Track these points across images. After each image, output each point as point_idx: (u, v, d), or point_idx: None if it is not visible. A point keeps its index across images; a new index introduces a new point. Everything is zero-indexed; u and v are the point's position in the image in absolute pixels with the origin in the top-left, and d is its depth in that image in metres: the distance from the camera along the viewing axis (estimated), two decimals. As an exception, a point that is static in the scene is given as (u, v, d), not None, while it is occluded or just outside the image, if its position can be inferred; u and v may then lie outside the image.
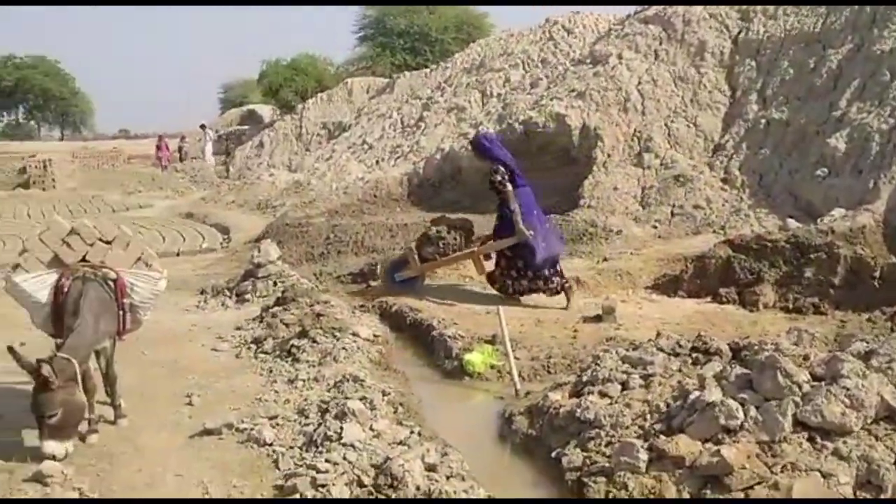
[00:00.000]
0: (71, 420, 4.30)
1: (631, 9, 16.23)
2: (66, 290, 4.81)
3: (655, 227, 10.76)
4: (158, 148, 31.90)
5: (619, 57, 13.87)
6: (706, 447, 3.61)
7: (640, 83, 13.24)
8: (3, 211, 19.23)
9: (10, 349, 4.23)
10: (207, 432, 4.78)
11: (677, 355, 4.84)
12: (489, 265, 8.37)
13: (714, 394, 3.84)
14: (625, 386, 4.55)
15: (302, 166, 21.91)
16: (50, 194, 23.14)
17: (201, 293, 9.03)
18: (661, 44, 13.91)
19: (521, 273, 8.01)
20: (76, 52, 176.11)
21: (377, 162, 18.44)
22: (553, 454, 4.23)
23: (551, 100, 13.78)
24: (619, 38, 14.71)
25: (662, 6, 14.63)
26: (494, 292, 8.16)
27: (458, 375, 6.02)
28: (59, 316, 4.83)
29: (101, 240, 5.04)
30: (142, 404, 5.41)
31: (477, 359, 6.02)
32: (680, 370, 4.60)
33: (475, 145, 8.70)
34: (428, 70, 25.01)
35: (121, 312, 5.02)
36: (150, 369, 6.24)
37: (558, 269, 8.06)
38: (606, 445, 4.01)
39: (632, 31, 14.57)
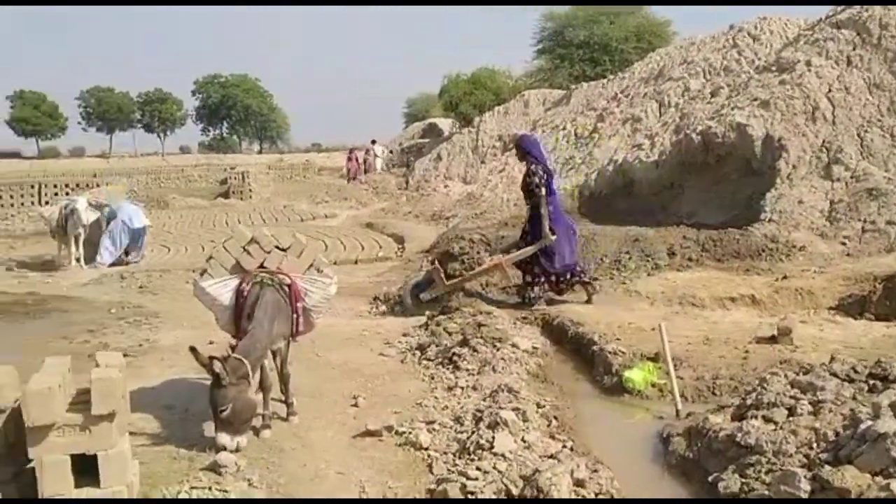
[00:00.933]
0: (241, 416, 4.64)
1: (822, 9, 15.21)
2: (245, 294, 5.21)
3: (844, 244, 10.02)
4: (349, 160, 33.52)
5: (808, 64, 13.04)
6: (875, 481, 3.35)
7: (830, 91, 12.39)
8: (205, 218, 20.97)
9: (192, 349, 4.63)
10: (369, 433, 5.00)
11: (852, 381, 4.51)
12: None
13: (888, 424, 3.55)
14: (791, 412, 4.29)
15: (476, 178, 22.28)
16: (247, 204, 24.92)
17: (374, 300, 9.42)
18: (854, 49, 12.95)
19: (536, 279, 8.31)
20: (275, 70, 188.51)
21: (549, 174, 18.40)
22: (710, 478, 4.07)
23: (732, 109, 13.17)
24: (808, 44, 13.83)
25: (857, 8, 13.61)
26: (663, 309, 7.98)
27: (618, 392, 5.91)
28: (240, 318, 5.23)
29: (277, 247, 5.40)
30: (312, 403, 5.74)
31: (637, 376, 5.89)
32: (854, 397, 4.28)
33: (520, 143, 8.74)
34: (605, 81, 24.67)
35: (294, 315, 5.35)
36: (322, 370, 6.62)
37: (577, 273, 8.33)
38: (767, 473, 3.80)
39: (822, 36, 13.66)
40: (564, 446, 4.52)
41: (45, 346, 7.36)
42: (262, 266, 5.34)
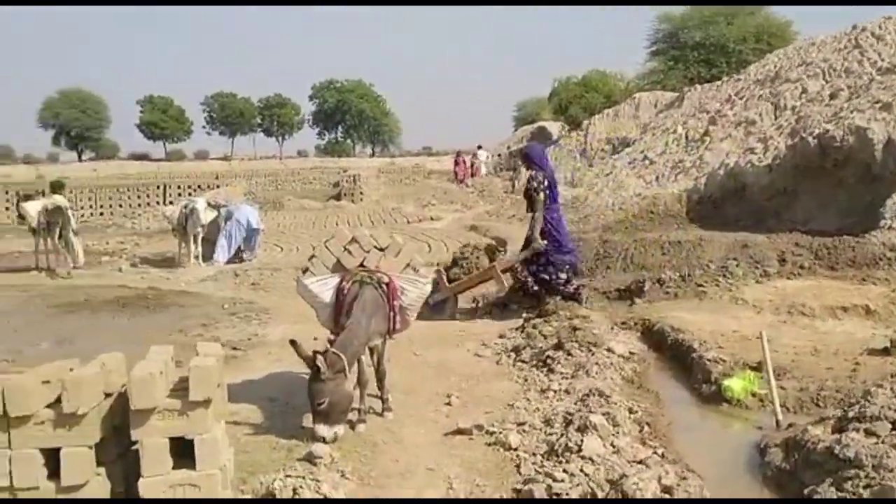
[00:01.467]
0: (338, 408, 4.82)
1: None
2: (345, 291, 5.40)
3: (968, 254, 9.41)
4: (456, 164, 33.85)
5: (938, 63, 12.33)
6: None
7: (960, 92, 11.68)
8: (317, 219, 21.64)
9: (293, 342, 4.84)
10: (460, 432, 5.08)
11: (965, 398, 4.26)
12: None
13: None
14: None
15: (582, 181, 22.08)
16: (358, 206, 25.53)
17: (472, 301, 9.50)
18: None
19: (549, 279, 8.50)
20: (389, 75, 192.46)
21: (657, 178, 18.06)
22: (805, 491, 3.93)
23: (852, 112, 12.59)
24: (938, 43, 13.07)
25: None
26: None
27: (716, 401, 5.76)
28: (339, 314, 5.43)
29: (376, 247, 5.58)
30: (407, 400, 5.87)
31: (737, 385, 5.72)
32: (966, 415, 4.05)
33: (527, 152, 9.03)
34: (719, 83, 23.96)
35: (391, 313, 5.51)
36: (418, 369, 6.75)
37: (572, 279, 8.60)
38: (865, 487, 3.65)
39: (954, 34, 12.88)
40: (655, 452, 4.45)
41: (163, 339, 7.80)
42: (361, 265, 5.52)
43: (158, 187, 25.59)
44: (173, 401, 2.81)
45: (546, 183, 8.39)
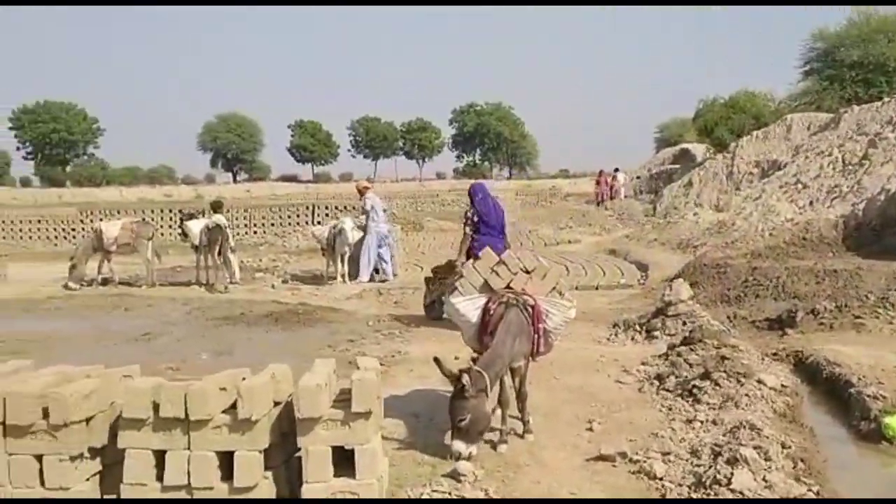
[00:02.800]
0: (477, 426, 4.91)
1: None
2: (491, 312, 5.50)
3: None
4: (598, 183, 33.51)
5: None
6: None
7: None
8: (455, 240, 21.90)
9: (436, 359, 4.98)
10: (602, 458, 5.04)
11: None
12: None
13: None
14: None
15: (729, 206, 21.32)
16: (494, 228, 25.65)
17: (613, 326, 9.39)
18: None
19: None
20: (527, 97, 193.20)
21: (811, 203, 17.19)
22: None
23: None
24: None
25: None
26: None
27: (875, 439, 5.44)
28: (484, 334, 5.53)
29: (523, 269, 5.64)
30: (547, 423, 5.88)
31: (899, 423, 5.39)
32: None
33: (469, 189, 10.23)
34: (878, 103, 22.57)
35: (535, 336, 5.55)
36: (558, 392, 6.74)
37: None
38: None
39: None
40: (810, 490, 4.26)
41: (314, 353, 8.17)
42: (508, 286, 5.61)
43: (307, 207, 26.73)
44: (336, 411, 2.97)
45: (474, 218, 9.70)
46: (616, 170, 34.66)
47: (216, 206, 14.81)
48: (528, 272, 5.68)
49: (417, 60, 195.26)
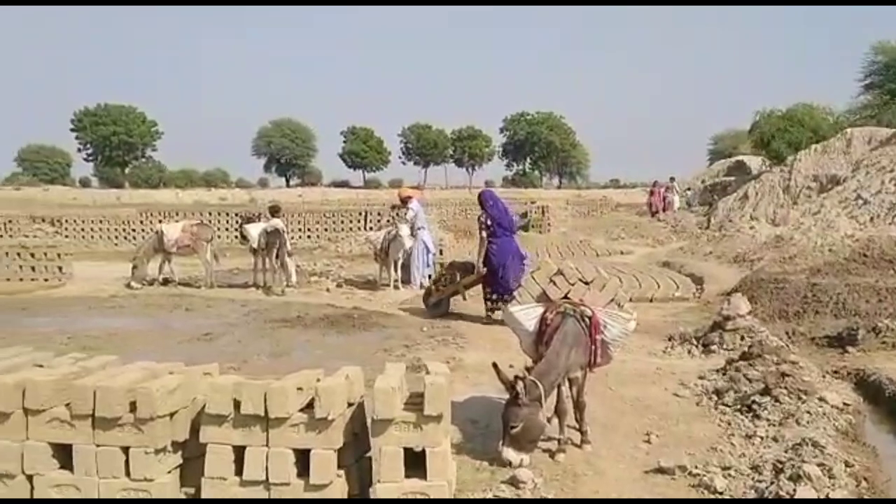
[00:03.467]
0: (529, 435, 4.96)
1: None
2: (548, 321, 5.55)
3: None
4: (652, 194, 33.18)
5: None
6: None
7: None
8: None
9: (495, 364, 5.05)
10: (661, 470, 5.05)
11: None
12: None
13: None
14: None
15: (786, 220, 20.97)
16: (545, 237, 25.65)
17: (669, 339, 9.34)
18: None
19: (490, 297, 10.90)
20: (578, 107, 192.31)
21: (871, 219, 16.83)
22: None
23: None
24: None
25: None
26: None
27: (942, 461, 5.34)
28: (540, 343, 5.57)
29: (581, 280, 5.68)
30: (604, 434, 5.90)
31: (968, 447, 5.28)
32: None
33: (479, 196, 11.51)
34: (943, 118, 22.00)
35: (592, 347, 5.58)
36: (614, 403, 6.75)
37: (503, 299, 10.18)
38: None
39: None
40: (874, 510, 4.22)
41: (369, 357, 8.29)
42: (566, 297, 5.65)
43: (360, 213, 27.01)
44: (409, 414, 3.06)
45: (489, 223, 10.75)
46: (671, 179, 34.24)
47: (274, 211, 15.07)
48: (586, 283, 5.72)
49: (470, 68, 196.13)
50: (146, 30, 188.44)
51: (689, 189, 35.93)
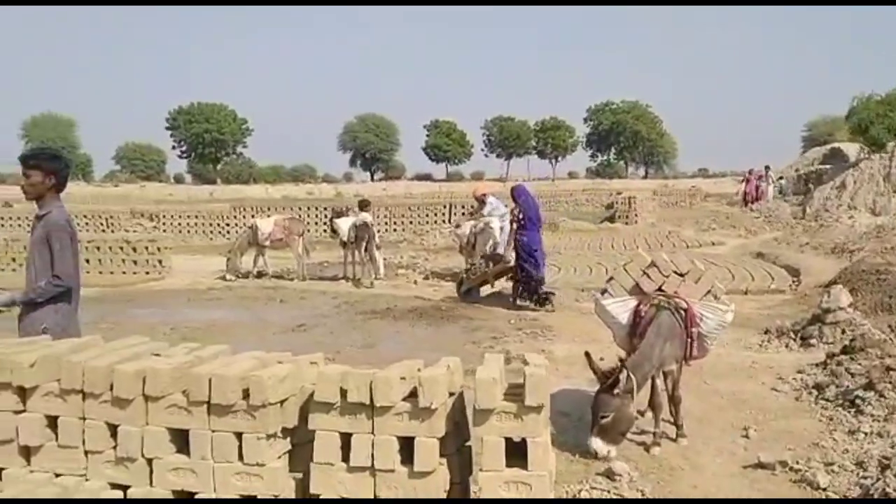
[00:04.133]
0: (618, 426, 4.94)
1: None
2: (642, 314, 5.51)
3: None
4: (746, 182, 32.28)
5: None
6: None
7: None
8: (591, 241, 21.79)
9: (587, 354, 5.05)
10: (761, 465, 4.96)
11: None
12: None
13: None
14: None
15: (887, 209, 20.11)
16: (632, 228, 25.29)
17: (765, 332, 9.12)
18: None
19: (519, 285, 11.66)
20: (665, 94, 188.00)
21: None
22: None
23: None
24: None
25: None
26: None
27: None
28: (634, 336, 5.54)
29: (675, 272, 5.61)
30: (700, 428, 5.83)
31: None
32: None
33: (512, 191, 12.20)
34: None
35: (688, 340, 5.51)
36: (710, 398, 6.65)
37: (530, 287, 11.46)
38: None
39: None
40: None
41: (458, 348, 8.39)
42: (660, 289, 5.59)
43: (444, 206, 27.22)
44: (510, 404, 3.10)
45: (521, 216, 11.46)
46: (767, 168, 33.13)
47: (363, 205, 15.35)
48: (681, 275, 5.64)
49: (553, 59, 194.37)
50: (237, 29, 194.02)
51: (782, 178, 34.72)
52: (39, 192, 4.66)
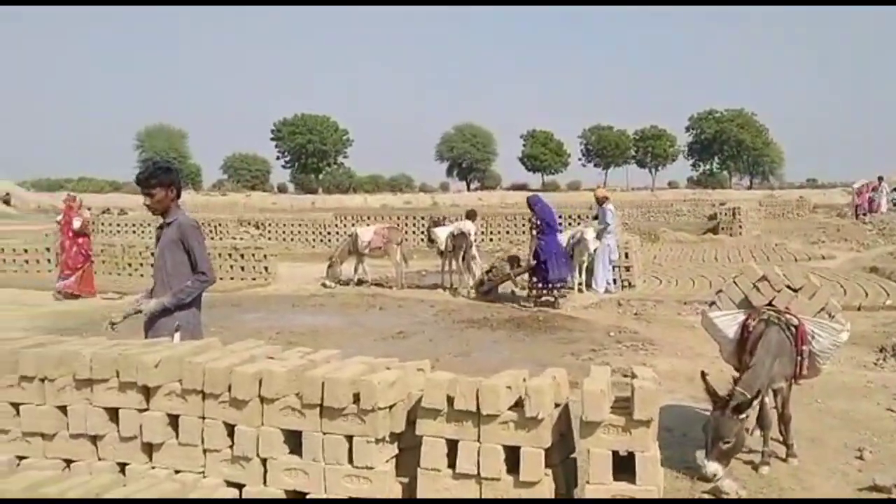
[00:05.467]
0: (735, 451, 4.76)
1: None
2: (750, 329, 5.34)
3: None
4: (859, 194, 30.99)
5: None
6: None
7: None
8: (693, 253, 21.25)
9: (703, 374, 4.90)
10: (876, 488, 4.76)
11: None
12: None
13: None
14: None
15: None
16: (736, 240, 24.52)
17: (880, 350, 8.71)
18: None
19: (535, 285, 12.89)
20: (771, 103, 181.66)
21: None
22: None
23: None
24: None
25: None
26: None
27: None
28: (742, 352, 5.38)
29: (788, 287, 5.42)
30: (811, 449, 5.62)
31: None
32: None
33: (528, 201, 13.41)
34: None
35: (798, 358, 5.31)
36: (822, 417, 6.40)
37: (559, 286, 12.75)
38: None
39: None
40: None
41: (556, 359, 8.35)
42: (770, 304, 5.41)
43: (541, 216, 27.06)
44: (618, 417, 3.09)
45: (538, 222, 12.69)
46: (880, 178, 31.60)
47: (470, 215, 15.41)
48: (794, 290, 5.45)
49: (652, 67, 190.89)
50: (340, 43, 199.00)
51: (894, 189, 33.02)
52: (165, 206, 4.92)
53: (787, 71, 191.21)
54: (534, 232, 12.85)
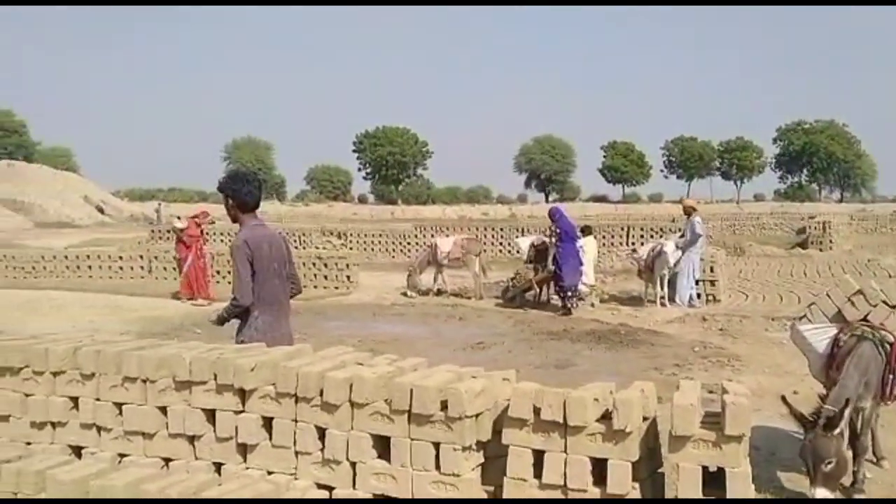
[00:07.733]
0: (839, 471, 4.55)
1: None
2: (841, 343, 5.16)
3: None
4: None
5: None
6: None
7: None
8: (781, 268, 20.62)
9: (783, 398, 4.72)
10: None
11: None
12: None
13: None
14: None
15: None
16: (826, 255, 23.73)
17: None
18: None
19: (559, 292, 13.54)
20: (864, 114, 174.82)
21: None
22: None
23: None
24: None
25: None
26: None
27: None
28: (831, 367, 5.20)
29: (885, 302, 5.23)
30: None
31: None
32: None
33: (550, 212, 14.23)
34: None
35: (890, 377, 5.10)
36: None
37: (574, 292, 13.34)
38: None
39: None
40: None
41: (639, 374, 8.24)
42: (864, 319, 5.24)
43: (622, 229, 26.73)
44: (708, 432, 3.05)
45: (559, 232, 13.42)
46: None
47: (585, 230, 15.09)
48: (892, 306, 5.26)
49: (738, 78, 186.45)
50: (420, 56, 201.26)
51: None
52: (232, 216, 4.93)
53: (881, 80, 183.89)
54: (553, 240, 13.68)
